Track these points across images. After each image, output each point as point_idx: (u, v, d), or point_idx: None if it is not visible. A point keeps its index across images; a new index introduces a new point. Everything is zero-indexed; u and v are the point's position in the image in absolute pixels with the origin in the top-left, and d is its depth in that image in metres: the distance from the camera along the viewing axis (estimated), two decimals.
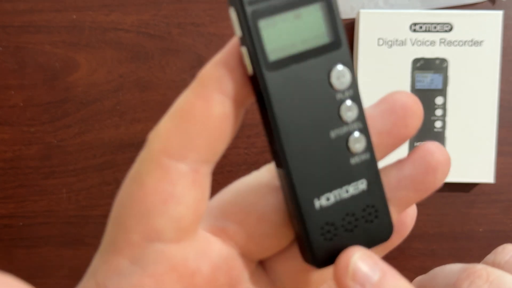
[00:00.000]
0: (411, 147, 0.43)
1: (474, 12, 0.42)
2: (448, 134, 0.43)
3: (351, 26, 0.45)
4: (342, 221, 0.17)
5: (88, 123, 0.46)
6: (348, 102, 0.17)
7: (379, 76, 0.43)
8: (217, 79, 0.16)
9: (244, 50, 0.16)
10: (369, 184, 0.17)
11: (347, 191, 0.17)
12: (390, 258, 0.47)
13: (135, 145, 0.46)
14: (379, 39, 0.43)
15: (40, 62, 0.45)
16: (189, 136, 0.16)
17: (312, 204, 0.16)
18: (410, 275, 0.51)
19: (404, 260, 0.46)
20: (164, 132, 0.16)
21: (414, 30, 0.42)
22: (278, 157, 0.16)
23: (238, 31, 0.16)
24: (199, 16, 0.45)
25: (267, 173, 0.18)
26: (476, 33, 0.42)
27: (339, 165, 0.17)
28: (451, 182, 0.45)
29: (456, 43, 0.42)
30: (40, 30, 0.45)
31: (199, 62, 0.45)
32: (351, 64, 0.16)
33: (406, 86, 0.43)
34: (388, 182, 0.18)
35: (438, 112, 0.43)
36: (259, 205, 0.18)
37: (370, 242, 0.17)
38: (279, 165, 0.17)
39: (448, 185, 0.46)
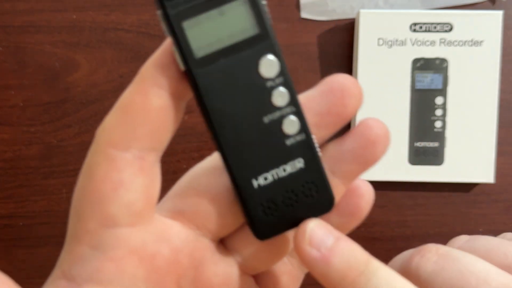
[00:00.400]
0: (411, 147, 0.43)
1: (474, 12, 0.42)
2: (448, 134, 0.43)
3: (351, 26, 0.45)
4: (282, 198, 0.18)
5: (88, 123, 0.46)
6: (279, 89, 0.18)
7: (379, 76, 0.43)
8: (153, 75, 0.17)
9: (174, 49, 0.17)
10: (306, 162, 0.18)
11: (284, 170, 0.18)
12: (391, 258, 0.47)
13: None
14: (379, 39, 0.43)
15: (40, 62, 0.45)
16: (131, 127, 0.17)
17: (250, 184, 0.18)
18: None
19: None
20: (108, 126, 0.18)
21: (414, 30, 0.42)
22: (215, 143, 0.18)
23: (166, 32, 0.17)
24: None
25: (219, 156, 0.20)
26: (476, 33, 0.42)
27: (275, 146, 0.18)
28: (451, 182, 0.45)
29: (456, 43, 0.42)
30: (40, 30, 0.45)
31: None
32: (279, 53, 0.17)
33: (406, 86, 0.43)
34: (332, 157, 0.19)
35: (438, 112, 0.43)
36: (211, 186, 0.19)
37: (312, 215, 0.19)
38: (218, 152, 0.18)
39: (448, 185, 0.46)
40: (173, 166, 0.45)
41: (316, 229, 0.18)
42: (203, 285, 0.19)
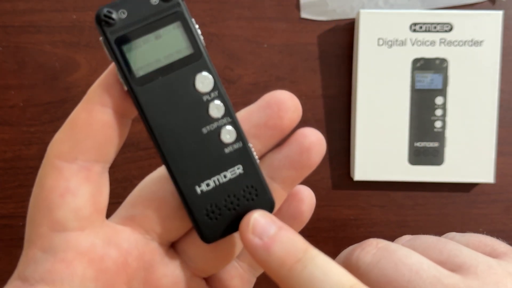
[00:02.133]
0: (411, 147, 0.43)
1: (474, 12, 0.42)
2: (448, 134, 0.43)
3: (351, 26, 0.45)
4: (224, 202, 0.20)
5: None
6: (215, 102, 0.19)
7: (379, 76, 0.43)
8: (99, 94, 0.19)
9: (116, 70, 0.19)
10: (244, 168, 0.20)
11: (225, 176, 0.20)
12: None
13: (135, 145, 0.46)
14: (379, 39, 0.43)
15: (40, 62, 0.45)
16: (76, 141, 0.19)
17: (194, 190, 0.20)
18: None
19: None
20: (57, 140, 0.19)
21: (414, 30, 0.42)
22: (160, 154, 0.19)
23: (108, 54, 0.19)
24: (199, 16, 0.45)
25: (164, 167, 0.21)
26: (476, 33, 0.42)
27: (215, 155, 0.20)
28: (451, 182, 0.45)
29: (456, 43, 0.42)
30: (40, 30, 0.45)
31: None
32: (212, 70, 0.19)
33: (406, 86, 0.43)
34: (271, 164, 0.21)
35: (438, 112, 0.43)
36: (159, 193, 0.20)
37: None
38: (162, 161, 0.20)
39: (448, 185, 0.46)
40: None
41: (259, 219, 0.19)
42: (153, 286, 0.20)
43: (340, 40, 0.45)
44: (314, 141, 0.20)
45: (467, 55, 0.43)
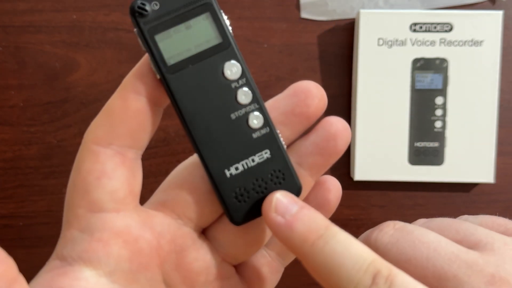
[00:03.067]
0: (411, 147, 0.43)
1: (474, 12, 0.42)
2: (448, 134, 0.43)
3: (351, 26, 0.45)
4: (252, 185, 0.21)
5: (88, 123, 0.45)
6: (243, 89, 0.20)
7: (379, 76, 0.43)
8: (133, 83, 0.20)
9: (150, 60, 0.19)
10: (272, 153, 0.21)
11: (253, 161, 0.21)
12: None
13: None
14: (379, 39, 0.43)
15: (40, 62, 0.45)
16: (112, 127, 0.20)
17: (224, 174, 0.20)
18: None
19: None
20: (93, 126, 0.20)
21: (414, 30, 0.42)
22: (191, 140, 0.20)
23: (142, 47, 0.19)
24: None
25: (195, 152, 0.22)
26: (476, 33, 0.42)
27: (243, 140, 0.20)
28: (451, 182, 0.45)
29: (456, 43, 0.42)
30: (40, 30, 0.45)
31: None
32: (240, 58, 0.20)
33: (406, 86, 0.43)
34: (298, 151, 0.21)
35: (438, 112, 0.43)
36: (190, 178, 0.21)
37: None
38: (193, 147, 0.20)
39: (448, 185, 0.46)
40: (173, 166, 0.45)
41: (281, 198, 0.20)
42: (185, 270, 0.21)
43: (340, 40, 0.45)
44: (340, 128, 0.21)
45: (467, 55, 0.43)
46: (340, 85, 0.45)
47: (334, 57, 0.45)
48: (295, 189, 0.21)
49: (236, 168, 0.20)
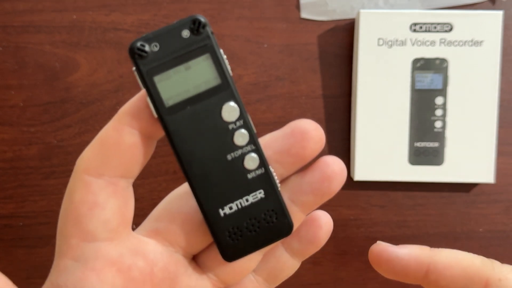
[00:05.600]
0: (411, 147, 0.43)
1: (474, 12, 0.42)
2: (448, 134, 0.43)
3: (351, 26, 0.45)
4: (246, 224, 0.21)
5: (88, 123, 0.46)
6: (240, 130, 0.20)
7: (379, 76, 0.43)
8: (128, 117, 0.20)
9: (148, 99, 0.19)
10: (266, 193, 0.21)
11: (247, 200, 0.21)
12: None
13: None
14: (379, 39, 0.43)
15: (40, 62, 0.45)
16: (105, 159, 0.20)
17: (218, 213, 0.21)
18: None
19: None
20: (86, 156, 0.20)
21: (414, 30, 0.42)
22: (186, 179, 0.20)
23: (140, 84, 0.19)
24: None
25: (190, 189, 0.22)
26: (476, 33, 0.42)
27: (238, 180, 0.21)
28: (451, 182, 0.45)
29: (456, 43, 0.42)
30: (40, 30, 0.45)
31: None
32: (238, 100, 0.20)
33: (406, 86, 0.43)
34: (292, 187, 0.22)
35: (438, 112, 0.43)
36: (183, 208, 0.22)
37: (272, 239, 0.22)
38: (188, 185, 0.21)
39: (448, 185, 0.46)
40: (173, 166, 0.45)
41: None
42: None
43: (340, 40, 0.45)
44: (336, 170, 0.21)
45: (467, 55, 0.43)
46: (340, 85, 0.45)
47: (334, 57, 0.45)
48: (287, 229, 0.21)
49: (230, 208, 0.21)
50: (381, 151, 0.43)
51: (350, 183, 0.46)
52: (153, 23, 0.45)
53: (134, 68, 0.19)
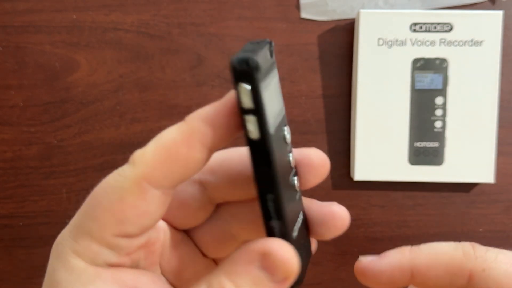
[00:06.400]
0: (411, 147, 0.43)
1: (474, 12, 0.42)
2: (448, 134, 0.43)
3: (351, 26, 0.45)
4: (301, 248, 0.20)
5: (88, 123, 0.46)
6: (291, 152, 0.21)
7: (379, 76, 0.43)
8: (204, 133, 0.19)
9: (251, 118, 0.18)
10: (304, 214, 0.21)
11: (299, 221, 0.21)
12: None
13: (135, 145, 0.46)
14: (379, 39, 0.43)
15: (40, 62, 0.45)
16: (168, 171, 0.19)
17: (291, 236, 0.20)
18: None
19: None
20: (150, 161, 0.19)
21: (414, 30, 0.42)
22: (275, 207, 0.19)
23: (247, 103, 0.18)
24: (199, 16, 0.45)
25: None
26: (476, 33, 0.42)
27: (294, 201, 0.21)
28: (451, 182, 0.45)
29: (456, 43, 0.42)
30: (40, 30, 0.45)
31: (199, 62, 0.45)
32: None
33: (406, 86, 0.43)
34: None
35: (438, 112, 0.43)
36: (183, 193, 0.22)
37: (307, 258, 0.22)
38: (274, 215, 0.20)
39: (448, 185, 0.46)
40: None
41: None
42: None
43: (340, 40, 0.45)
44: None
45: (467, 55, 0.43)
46: (340, 85, 0.45)
47: (334, 57, 0.45)
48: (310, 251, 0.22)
49: (294, 230, 0.20)
50: (381, 151, 0.43)
51: (350, 183, 0.46)
52: (153, 23, 0.45)
53: (245, 85, 0.18)
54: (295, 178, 0.21)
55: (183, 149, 0.19)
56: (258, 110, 0.18)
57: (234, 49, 0.45)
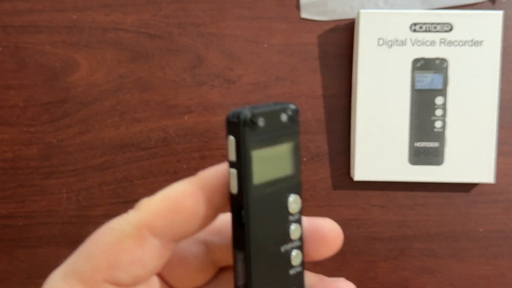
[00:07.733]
0: (411, 147, 0.43)
1: (474, 12, 0.42)
2: (448, 134, 0.43)
3: (351, 26, 0.45)
4: None
5: (88, 123, 0.46)
6: (297, 224, 0.20)
7: (379, 76, 0.43)
8: (213, 190, 0.19)
9: (233, 171, 0.19)
10: None
11: None
12: (391, 258, 0.47)
13: (135, 145, 0.46)
14: (379, 39, 0.43)
15: (40, 62, 0.45)
16: (171, 222, 0.19)
17: None
18: (410, 275, 0.51)
19: (404, 260, 0.46)
20: (154, 208, 0.19)
21: (414, 30, 0.42)
22: (245, 259, 0.19)
23: (232, 156, 0.19)
24: (199, 16, 0.45)
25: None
26: (476, 33, 0.42)
27: (283, 274, 0.20)
28: (451, 182, 0.45)
29: (456, 43, 0.42)
30: (40, 30, 0.45)
31: (199, 62, 0.45)
32: (301, 193, 0.20)
33: (406, 86, 0.43)
34: None
35: (438, 112, 0.43)
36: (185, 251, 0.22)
37: None
38: (245, 266, 0.19)
39: (448, 185, 0.46)
40: (173, 166, 0.45)
41: None
42: None
43: (340, 40, 0.45)
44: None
45: (467, 55, 0.43)
46: (340, 85, 0.45)
47: (334, 57, 0.45)
48: None
49: None
50: (381, 151, 0.43)
51: (350, 183, 0.46)
52: (153, 23, 0.45)
53: (231, 137, 0.18)
54: (295, 252, 0.20)
55: (189, 202, 0.19)
56: (239, 165, 0.18)
57: (234, 49, 0.45)
